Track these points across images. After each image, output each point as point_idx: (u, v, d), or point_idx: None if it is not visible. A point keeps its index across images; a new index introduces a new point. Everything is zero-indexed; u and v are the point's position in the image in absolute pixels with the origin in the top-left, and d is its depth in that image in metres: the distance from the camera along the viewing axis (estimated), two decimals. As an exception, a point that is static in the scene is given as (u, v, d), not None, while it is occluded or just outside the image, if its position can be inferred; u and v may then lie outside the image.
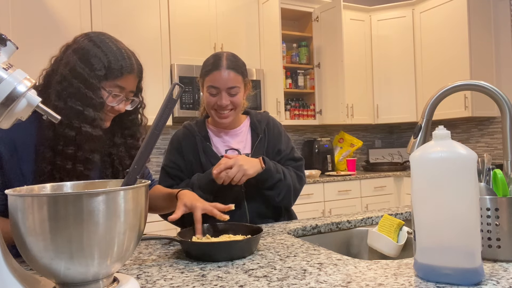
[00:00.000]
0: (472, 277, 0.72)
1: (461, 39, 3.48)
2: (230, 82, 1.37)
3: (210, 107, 1.42)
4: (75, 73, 1.01)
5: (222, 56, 1.40)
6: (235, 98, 1.39)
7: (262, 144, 1.48)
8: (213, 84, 1.38)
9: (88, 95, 1.01)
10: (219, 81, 1.37)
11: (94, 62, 1.03)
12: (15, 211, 0.65)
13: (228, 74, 1.37)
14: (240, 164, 1.29)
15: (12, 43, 0.69)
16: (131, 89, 1.11)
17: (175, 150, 1.48)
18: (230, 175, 1.28)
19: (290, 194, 1.43)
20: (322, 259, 0.94)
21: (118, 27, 2.96)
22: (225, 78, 1.36)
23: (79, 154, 1.01)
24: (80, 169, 1.02)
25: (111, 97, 1.07)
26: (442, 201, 0.74)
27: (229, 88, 1.38)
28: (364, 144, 4.44)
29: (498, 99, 0.94)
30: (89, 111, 1.01)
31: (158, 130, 0.78)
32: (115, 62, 1.05)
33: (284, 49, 3.72)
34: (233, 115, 1.43)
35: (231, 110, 1.41)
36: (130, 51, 1.12)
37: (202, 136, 1.46)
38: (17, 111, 0.69)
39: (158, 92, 3.09)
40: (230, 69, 1.37)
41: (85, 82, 1.01)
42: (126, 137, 1.19)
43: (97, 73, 1.03)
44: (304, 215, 3.19)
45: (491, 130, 3.70)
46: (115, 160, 1.17)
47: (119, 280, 0.75)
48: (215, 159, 1.41)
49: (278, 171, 1.40)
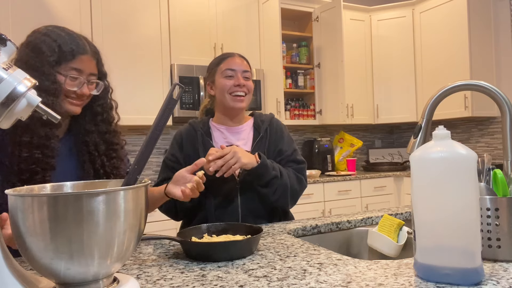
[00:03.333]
0: (472, 277, 0.72)
1: (461, 39, 3.48)
2: (244, 66, 1.49)
3: (226, 91, 1.45)
4: (28, 65, 1.03)
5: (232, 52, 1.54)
6: (248, 82, 1.48)
7: (262, 143, 1.49)
8: (229, 67, 1.47)
9: (44, 83, 1.02)
10: (235, 64, 1.47)
11: (44, 50, 1.06)
12: (15, 211, 0.65)
13: (241, 60, 1.51)
14: (235, 151, 1.30)
15: (12, 43, 0.70)
16: (90, 71, 1.13)
17: (176, 144, 1.50)
18: (225, 158, 1.28)
19: (286, 194, 1.40)
20: (322, 259, 0.94)
21: (118, 27, 2.97)
22: (240, 62, 1.49)
23: (35, 140, 1.03)
24: (38, 156, 1.04)
25: (69, 80, 1.09)
26: (442, 201, 0.74)
27: (244, 71, 1.48)
28: (364, 144, 4.44)
29: (498, 99, 0.94)
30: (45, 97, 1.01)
31: (159, 130, 0.78)
32: (65, 46, 1.08)
33: (284, 49, 3.73)
34: (247, 100, 1.49)
35: (246, 94, 1.48)
36: (83, 36, 1.15)
37: (204, 131, 1.48)
38: (17, 111, 0.69)
39: (158, 92, 3.09)
40: (242, 57, 1.52)
41: (38, 70, 1.03)
42: (98, 123, 1.21)
43: (49, 59, 1.05)
44: (304, 215, 3.19)
45: (491, 130, 3.70)
46: (90, 147, 1.19)
47: (119, 280, 0.75)
48: None
49: (274, 168, 1.38)
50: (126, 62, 2.99)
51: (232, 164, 1.28)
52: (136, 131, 3.35)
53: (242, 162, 1.30)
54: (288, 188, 1.40)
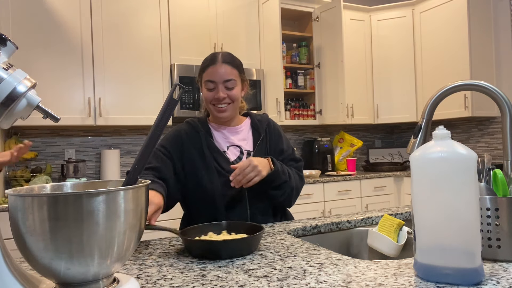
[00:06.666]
0: (472, 277, 0.72)
1: (461, 39, 3.48)
2: (226, 75, 1.40)
3: (208, 102, 1.44)
4: None
5: (218, 53, 1.45)
6: (232, 91, 1.41)
7: (264, 143, 1.51)
8: (209, 79, 1.41)
9: None
10: (215, 75, 1.40)
11: None
12: (15, 211, 0.65)
13: (224, 68, 1.40)
14: (255, 165, 1.30)
15: (12, 43, 0.69)
16: None
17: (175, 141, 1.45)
18: (245, 173, 1.29)
19: (292, 195, 1.46)
20: (322, 259, 0.94)
21: (118, 27, 2.97)
22: (221, 71, 1.40)
23: None
24: None
25: None
26: (442, 201, 0.74)
27: (225, 81, 1.40)
28: (364, 144, 4.44)
29: (498, 99, 0.94)
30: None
31: (159, 131, 0.78)
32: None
33: (284, 49, 3.72)
34: (231, 109, 1.44)
35: (229, 104, 1.42)
36: None
37: (205, 131, 1.48)
38: (17, 111, 0.69)
39: (158, 92, 3.09)
40: (225, 63, 1.41)
41: None
42: None
43: None
44: (304, 215, 3.20)
45: (491, 130, 3.70)
46: None
47: (119, 280, 0.75)
48: (217, 154, 1.43)
49: (284, 172, 1.42)
50: (126, 62, 2.99)
51: (252, 178, 1.30)
52: (136, 131, 3.35)
53: (262, 175, 1.32)
54: (294, 189, 1.46)
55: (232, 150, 1.48)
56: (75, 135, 3.17)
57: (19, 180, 2.76)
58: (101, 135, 3.25)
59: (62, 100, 2.80)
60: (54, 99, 2.75)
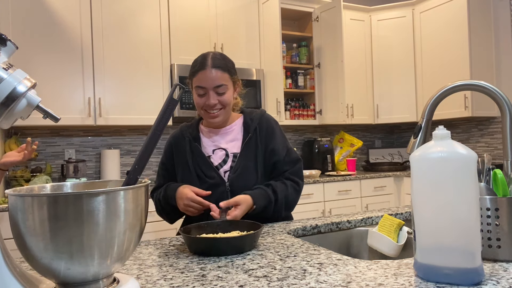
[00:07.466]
0: (472, 277, 0.72)
1: (461, 39, 3.48)
2: (217, 80, 1.36)
3: (199, 108, 1.43)
4: None
5: (208, 55, 1.40)
6: (223, 97, 1.39)
7: (252, 143, 1.46)
8: (200, 84, 1.38)
9: None
10: (205, 81, 1.36)
11: None
12: (15, 211, 0.65)
13: (215, 73, 1.36)
14: (244, 209, 1.30)
15: (12, 43, 0.69)
16: None
17: (165, 151, 1.55)
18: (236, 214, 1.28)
19: (281, 211, 1.44)
20: (322, 259, 0.94)
21: (118, 27, 2.97)
22: (211, 77, 1.36)
23: None
24: None
25: None
26: (442, 201, 0.74)
27: (216, 87, 1.37)
28: (364, 144, 4.44)
29: (498, 99, 0.94)
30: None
31: (159, 131, 0.79)
32: None
33: (284, 49, 3.72)
34: (223, 114, 1.43)
35: (220, 109, 1.41)
36: None
37: (192, 137, 1.49)
38: (17, 111, 0.69)
39: (158, 92, 3.09)
40: (216, 68, 1.37)
41: None
42: None
43: None
44: (304, 215, 3.20)
45: (491, 130, 3.70)
46: None
47: (119, 280, 0.75)
48: (201, 159, 1.45)
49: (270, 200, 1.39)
50: (126, 62, 2.99)
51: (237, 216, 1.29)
52: (136, 131, 3.35)
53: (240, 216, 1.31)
54: (283, 206, 1.44)
55: (218, 153, 1.46)
56: (75, 135, 3.17)
57: (19, 180, 2.76)
58: (101, 135, 3.25)
59: (62, 100, 2.79)
60: (54, 99, 2.75)
